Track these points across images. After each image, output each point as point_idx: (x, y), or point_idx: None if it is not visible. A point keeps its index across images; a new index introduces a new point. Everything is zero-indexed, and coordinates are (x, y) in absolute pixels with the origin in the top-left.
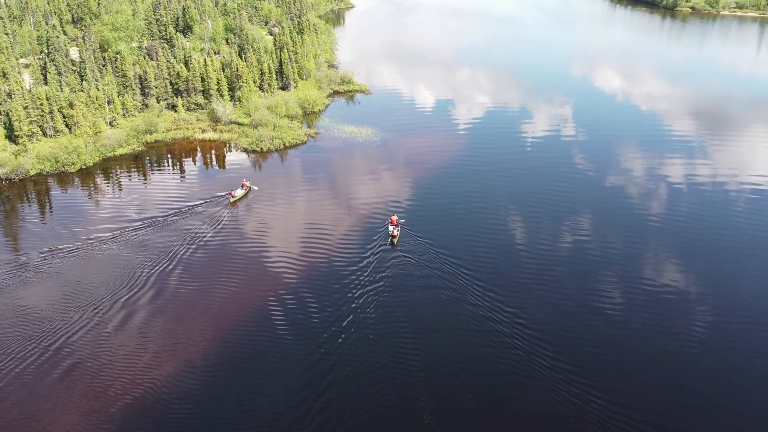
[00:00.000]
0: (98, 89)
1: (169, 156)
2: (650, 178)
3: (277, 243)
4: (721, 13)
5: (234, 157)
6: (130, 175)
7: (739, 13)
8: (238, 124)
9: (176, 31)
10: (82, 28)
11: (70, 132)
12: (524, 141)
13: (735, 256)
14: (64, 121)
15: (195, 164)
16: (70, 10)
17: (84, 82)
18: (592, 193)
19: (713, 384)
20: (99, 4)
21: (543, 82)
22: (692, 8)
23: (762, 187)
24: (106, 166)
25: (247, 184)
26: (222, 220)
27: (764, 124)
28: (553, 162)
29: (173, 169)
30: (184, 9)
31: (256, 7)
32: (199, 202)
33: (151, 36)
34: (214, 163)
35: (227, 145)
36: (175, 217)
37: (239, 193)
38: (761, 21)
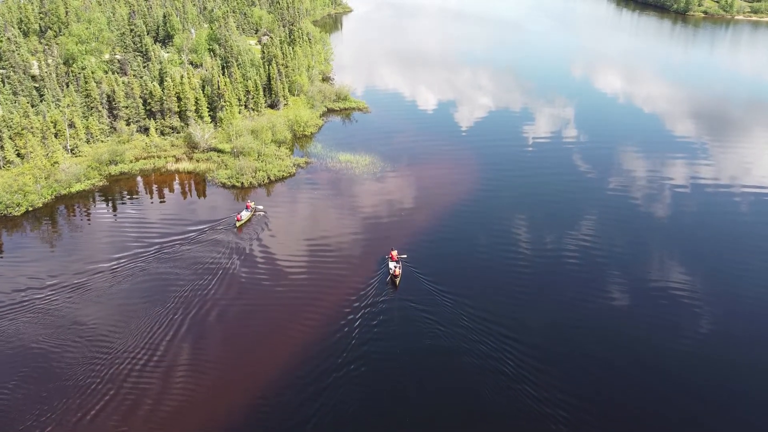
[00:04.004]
0: (58, 111)
1: (135, 192)
2: (692, 195)
3: (266, 290)
4: (735, 17)
5: (210, 194)
6: (85, 217)
7: (753, 17)
8: (218, 151)
9: (155, 41)
10: (44, 40)
11: (23, 163)
12: (542, 161)
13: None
14: (16, 151)
15: (165, 201)
16: (40, 19)
17: (42, 102)
18: (626, 220)
19: (724, 389)
20: (67, 12)
21: (556, 93)
22: (705, 12)
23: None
24: (59, 206)
25: (252, 205)
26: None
27: None
28: (578, 185)
29: (138, 209)
30: (164, 16)
31: (245, 14)
32: (159, 248)
33: (125, 48)
34: (188, 198)
35: (204, 178)
36: (130, 268)
37: (245, 215)
38: None
